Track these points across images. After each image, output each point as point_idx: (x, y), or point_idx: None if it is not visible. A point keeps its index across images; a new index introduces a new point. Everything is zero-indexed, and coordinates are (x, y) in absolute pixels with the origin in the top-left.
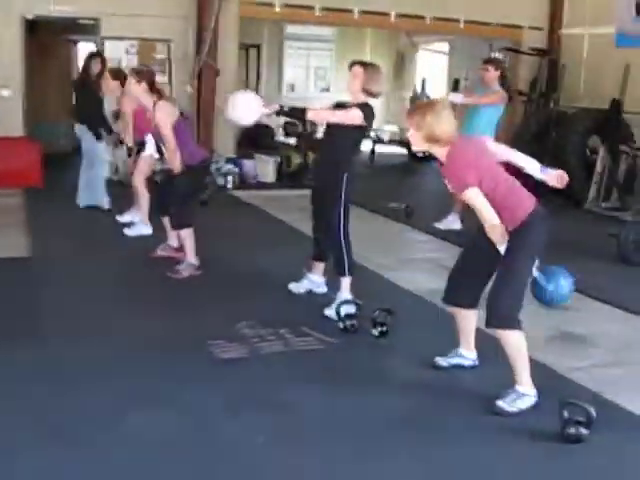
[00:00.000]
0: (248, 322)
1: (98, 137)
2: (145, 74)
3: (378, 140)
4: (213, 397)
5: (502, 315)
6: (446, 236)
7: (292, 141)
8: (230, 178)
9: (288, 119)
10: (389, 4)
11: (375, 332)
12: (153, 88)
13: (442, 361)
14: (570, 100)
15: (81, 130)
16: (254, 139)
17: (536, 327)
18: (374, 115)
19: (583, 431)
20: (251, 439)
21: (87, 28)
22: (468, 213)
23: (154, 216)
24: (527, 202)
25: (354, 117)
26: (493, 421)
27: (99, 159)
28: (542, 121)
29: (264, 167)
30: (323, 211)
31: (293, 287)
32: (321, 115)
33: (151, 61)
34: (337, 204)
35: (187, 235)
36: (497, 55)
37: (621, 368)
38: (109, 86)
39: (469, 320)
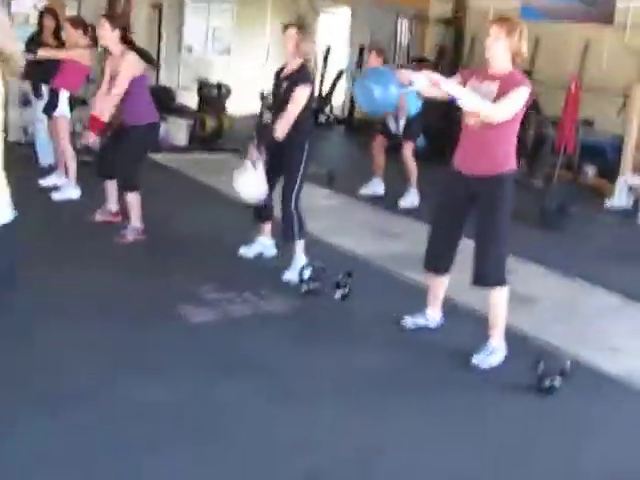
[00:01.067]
0: (211, 285)
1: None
2: (120, 20)
3: None
4: (197, 360)
5: (493, 274)
6: (371, 200)
7: (193, 105)
8: None
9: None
10: None
11: (338, 294)
12: (126, 37)
13: (409, 321)
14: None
15: None
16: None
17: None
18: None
19: (557, 383)
20: (244, 400)
21: None
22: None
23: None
24: (515, 159)
25: (304, 97)
26: (469, 376)
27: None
28: None
29: (177, 130)
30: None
31: (243, 251)
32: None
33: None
34: (297, 171)
35: (135, 198)
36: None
37: (565, 324)
38: (72, 36)
39: (442, 284)
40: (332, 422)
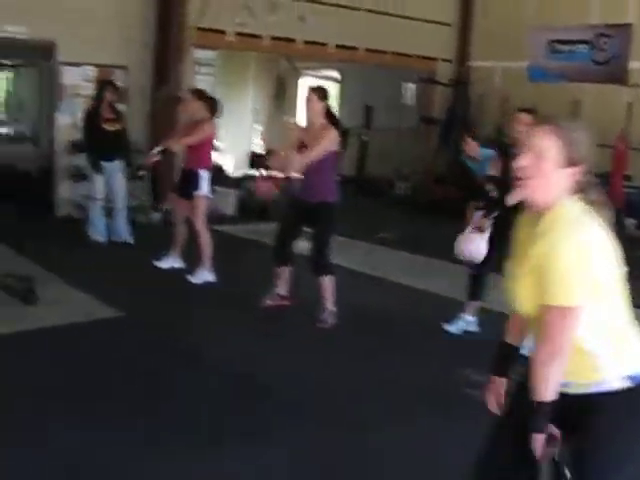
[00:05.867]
0: (465, 370)
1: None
2: (325, 93)
3: None
4: None
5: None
6: None
7: None
8: None
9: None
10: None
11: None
12: (329, 111)
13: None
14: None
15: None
16: None
17: None
18: None
19: None
20: None
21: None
22: None
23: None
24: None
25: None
26: None
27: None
28: None
29: (224, 200)
30: None
31: (447, 327)
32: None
33: None
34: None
35: (330, 281)
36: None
37: None
38: (192, 108)
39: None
40: None
